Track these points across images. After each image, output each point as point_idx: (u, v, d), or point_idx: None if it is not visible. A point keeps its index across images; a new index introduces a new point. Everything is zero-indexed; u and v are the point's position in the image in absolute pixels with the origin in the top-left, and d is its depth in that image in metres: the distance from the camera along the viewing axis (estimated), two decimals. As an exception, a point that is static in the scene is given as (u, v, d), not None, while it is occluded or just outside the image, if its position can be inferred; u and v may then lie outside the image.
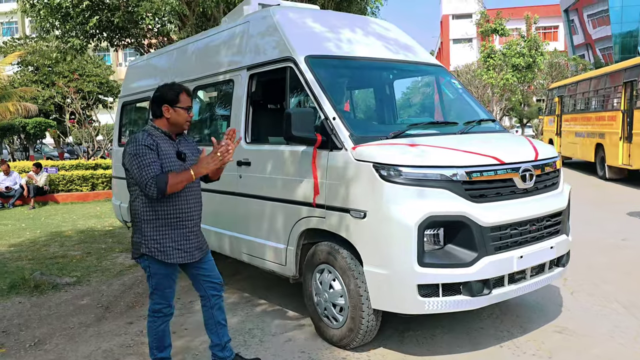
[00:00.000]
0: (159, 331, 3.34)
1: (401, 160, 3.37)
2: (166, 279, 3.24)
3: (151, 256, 3.14)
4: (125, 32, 10.65)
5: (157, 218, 3.12)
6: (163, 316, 3.32)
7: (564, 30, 49.98)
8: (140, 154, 3.00)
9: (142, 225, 3.15)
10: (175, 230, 3.16)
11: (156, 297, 3.28)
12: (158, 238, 3.13)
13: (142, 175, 2.97)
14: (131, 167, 3.04)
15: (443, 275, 3.29)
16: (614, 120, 13.33)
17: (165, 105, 3.16)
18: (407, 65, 4.71)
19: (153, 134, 3.14)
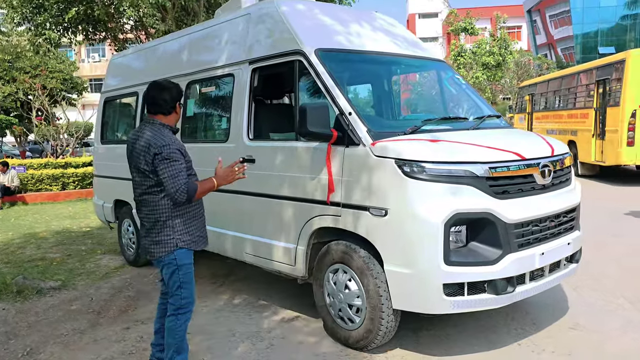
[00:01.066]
0: (181, 331, 3.27)
1: (425, 156, 3.28)
2: (191, 270, 3.27)
3: (186, 248, 3.19)
4: (103, 25, 10.24)
5: (186, 212, 3.19)
6: (188, 312, 3.27)
7: (527, 31, 51.14)
8: (174, 158, 3.01)
9: (173, 222, 3.15)
10: (198, 220, 3.28)
11: (184, 291, 3.23)
12: (190, 230, 3.21)
13: (176, 183, 2.99)
14: (163, 171, 3.00)
15: (469, 274, 3.22)
16: (587, 118, 13.65)
17: (178, 103, 3.24)
18: (414, 60, 4.63)
19: (170, 134, 3.14)
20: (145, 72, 6.09)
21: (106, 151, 6.92)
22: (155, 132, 3.10)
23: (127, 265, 6.57)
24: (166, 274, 3.26)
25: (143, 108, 6.06)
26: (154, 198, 3.14)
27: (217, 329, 4.34)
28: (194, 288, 3.31)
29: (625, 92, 11.58)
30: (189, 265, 3.24)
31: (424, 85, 5.17)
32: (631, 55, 11.71)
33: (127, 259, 6.63)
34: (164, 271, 3.27)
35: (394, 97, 4.80)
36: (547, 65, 34.93)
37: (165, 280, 3.32)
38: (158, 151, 3.01)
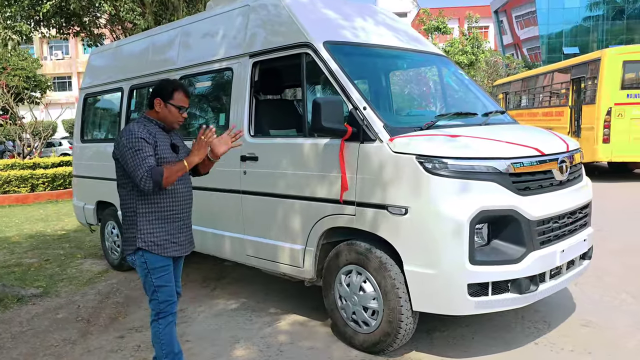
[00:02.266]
0: (166, 333, 3.09)
1: (447, 151, 3.16)
2: (167, 273, 3.08)
3: (147, 250, 2.99)
4: (78, 19, 9.79)
5: (152, 211, 3.00)
6: (168, 315, 3.10)
7: (494, 31, 52.04)
8: (136, 147, 2.87)
9: (137, 219, 3.00)
10: (170, 224, 3.04)
11: (160, 295, 3.05)
12: (154, 231, 3.00)
13: (138, 169, 2.85)
14: (125, 160, 2.90)
15: (493, 273, 3.12)
16: (562, 116, 13.89)
17: (157, 99, 3.03)
18: (418, 54, 4.52)
19: (147, 124, 3.01)
20: (131, 67, 5.80)
21: (87, 150, 6.59)
22: (132, 122, 3.02)
23: (112, 270, 6.27)
24: (140, 276, 3.12)
25: (129, 104, 5.79)
26: (122, 191, 3.06)
27: (219, 335, 4.14)
28: (173, 291, 3.13)
29: (600, 90, 11.81)
30: (163, 269, 3.05)
31: (428, 80, 5.08)
32: (606, 54, 11.95)
33: (111, 263, 6.32)
34: (138, 272, 3.12)
35: (402, 91, 4.69)
36: (515, 65, 35.57)
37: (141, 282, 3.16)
38: (122, 140, 2.92)
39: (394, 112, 4.59)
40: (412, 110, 4.94)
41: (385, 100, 4.54)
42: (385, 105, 4.51)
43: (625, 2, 43.32)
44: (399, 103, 4.75)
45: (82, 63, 49.13)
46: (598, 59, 12.13)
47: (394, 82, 4.79)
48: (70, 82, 50.40)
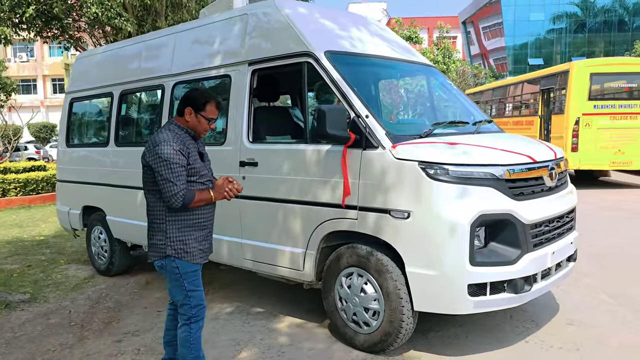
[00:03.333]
0: (196, 340, 3.14)
1: (447, 158, 3.32)
2: (197, 276, 3.15)
3: (178, 257, 3.05)
4: (58, 22, 9.64)
5: (181, 219, 3.05)
6: (200, 320, 3.16)
7: (462, 41, 53.27)
8: (172, 161, 2.92)
9: (166, 227, 3.05)
10: (198, 231, 3.11)
11: (192, 299, 3.11)
12: (184, 239, 3.05)
13: (172, 186, 2.91)
14: (159, 172, 2.93)
15: (492, 274, 3.29)
16: (532, 125, 14.37)
17: (189, 108, 3.08)
18: (410, 64, 4.70)
19: (180, 134, 3.05)
20: (122, 72, 5.80)
21: (73, 155, 6.53)
22: (163, 129, 3.07)
23: (98, 275, 6.23)
24: (168, 281, 3.16)
25: (119, 109, 5.79)
26: (151, 198, 3.10)
27: (218, 338, 4.18)
28: (202, 294, 3.19)
29: (569, 101, 12.29)
30: (194, 273, 3.12)
31: (419, 89, 5.26)
32: (574, 66, 12.46)
33: (98, 269, 6.28)
34: (166, 278, 3.16)
35: (396, 99, 4.85)
36: (483, 75, 36.48)
37: (168, 288, 3.20)
38: (157, 150, 2.93)
39: (395, 120, 4.75)
40: (406, 118, 5.11)
41: (383, 108, 4.70)
42: (382, 112, 4.66)
43: (586, 16, 45.04)
44: (392, 111, 4.91)
45: (47, 66, 47.96)
46: (566, 71, 12.64)
47: (388, 90, 4.95)
48: (35, 85, 49.12)
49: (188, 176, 2.99)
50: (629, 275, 5.44)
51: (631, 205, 9.88)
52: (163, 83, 5.20)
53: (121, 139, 5.78)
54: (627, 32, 44.30)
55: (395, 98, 4.87)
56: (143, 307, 5.03)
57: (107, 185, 5.84)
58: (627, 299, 4.72)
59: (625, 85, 12.50)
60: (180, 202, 2.92)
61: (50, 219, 10.51)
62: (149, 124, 5.67)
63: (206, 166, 3.18)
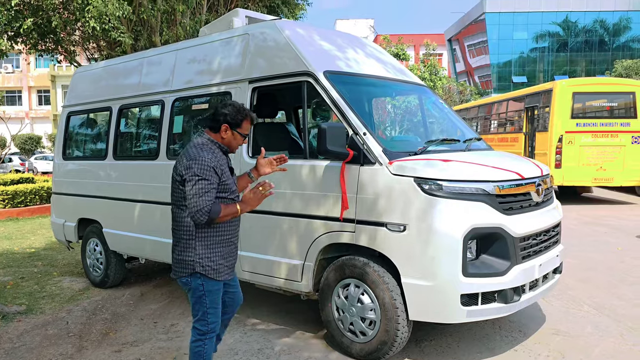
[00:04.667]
0: (208, 355, 3.19)
1: (442, 174, 3.51)
2: (218, 296, 3.18)
3: (205, 275, 3.07)
4: (55, 36, 9.74)
5: (210, 236, 3.08)
6: (214, 335, 3.21)
7: (447, 58, 54.14)
8: (205, 176, 2.93)
9: (195, 243, 3.07)
10: (225, 248, 3.14)
11: (210, 317, 3.14)
12: (211, 256, 3.08)
13: (199, 201, 2.91)
14: (190, 186, 2.94)
15: (483, 285, 3.46)
16: (517, 142, 14.72)
17: (225, 125, 3.09)
18: (404, 84, 4.90)
19: (214, 151, 3.07)
20: (121, 87, 5.93)
21: (70, 167, 6.61)
22: (197, 144, 3.07)
23: (93, 288, 6.28)
24: (191, 297, 3.18)
25: (118, 123, 5.91)
26: (180, 213, 3.10)
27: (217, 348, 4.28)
28: (220, 312, 3.24)
29: (552, 118, 12.65)
30: (217, 292, 3.16)
31: (413, 108, 5.46)
32: (558, 85, 12.85)
33: (93, 281, 6.34)
34: (189, 294, 3.20)
35: (390, 118, 5.04)
36: (468, 92, 37.12)
37: (190, 303, 3.24)
38: (190, 164, 2.95)
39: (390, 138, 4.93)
40: (398, 135, 5.30)
41: (378, 125, 4.89)
42: (379, 130, 4.85)
43: (568, 35, 46.15)
44: (387, 128, 5.10)
45: (33, 77, 47.69)
46: (550, 89, 13.02)
47: (383, 109, 5.15)
48: (21, 96, 48.79)
49: (220, 192, 3.01)
50: (610, 288, 5.65)
51: (612, 221, 10.19)
52: (163, 99, 5.33)
53: (119, 152, 5.89)
54: (607, 51, 45.47)
55: (390, 116, 5.06)
56: (139, 319, 5.11)
57: (104, 198, 5.93)
58: (609, 310, 4.93)
59: (606, 104, 12.92)
60: (206, 218, 2.91)
61: (39, 232, 10.50)
62: (148, 138, 5.79)
63: (234, 181, 3.20)
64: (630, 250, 7.51)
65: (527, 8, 45.00)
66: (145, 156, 5.61)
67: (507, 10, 44.97)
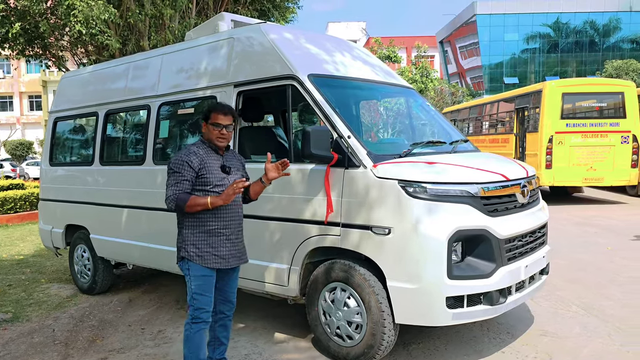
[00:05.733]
0: (196, 340, 3.34)
1: (426, 177, 3.50)
2: (206, 283, 3.35)
3: (189, 259, 3.32)
4: (41, 41, 9.68)
5: (195, 225, 3.32)
6: (202, 322, 3.35)
7: (439, 60, 54.32)
8: (175, 169, 3.26)
9: (184, 231, 3.36)
10: (212, 237, 3.33)
11: (196, 302, 3.33)
12: (197, 243, 3.31)
13: (168, 191, 3.26)
14: (167, 180, 3.31)
15: (468, 287, 3.45)
16: (507, 142, 14.77)
17: (203, 122, 3.42)
18: (391, 87, 4.90)
19: (200, 147, 3.36)
20: (107, 92, 5.89)
21: (57, 173, 6.57)
22: (189, 145, 3.41)
23: (81, 294, 6.23)
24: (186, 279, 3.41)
25: (105, 128, 5.87)
26: None
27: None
28: (210, 301, 3.39)
29: (542, 119, 12.70)
30: (203, 278, 3.33)
31: (400, 111, 5.46)
32: (547, 86, 12.90)
33: (81, 288, 6.29)
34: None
35: (377, 121, 5.03)
36: (460, 93, 37.23)
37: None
38: (170, 161, 3.34)
39: (372, 140, 4.93)
40: (386, 138, 5.30)
41: (364, 129, 4.88)
42: (364, 133, 4.84)
43: (558, 36, 46.44)
44: (374, 132, 5.10)
45: (25, 83, 47.43)
46: (540, 90, 13.07)
47: (370, 112, 5.15)
48: (12, 101, 48.52)
49: (199, 185, 3.26)
50: (599, 288, 5.67)
51: (601, 221, 10.23)
52: (149, 103, 5.31)
53: (106, 158, 5.85)
54: (597, 52, 45.78)
55: (376, 119, 5.06)
56: (127, 325, 5.07)
57: (91, 204, 5.88)
58: (597, 311, 4.93)
59: (596, 105, 12.98)
60: (173, 205, 3.21)
61: (28, 238, 10.42)
62: (134, 143, 5.76)
63: (230, 178, 3.36)
64: (620, 250, 7.54)
65: (518, 9, 45.27)
66: (131, 161, 5.57)
67: (498, 12, 45.22)
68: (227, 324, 3.60)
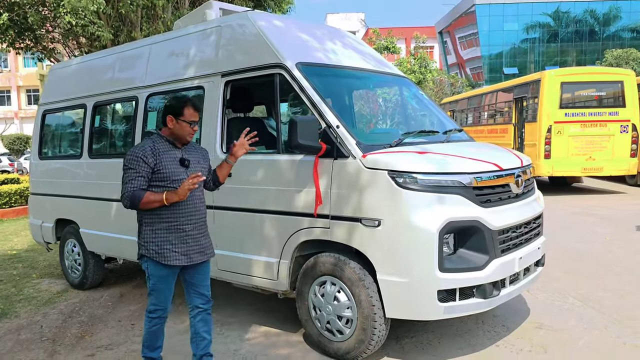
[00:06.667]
0: (152, 331, 3.42)
1: (416, 167, 3.39)
2: (163, 282, 3.30)
3: (149, 257, 3.24)
4: (31, 33, 9.54)
5: (154, 222, 3.22)
6: (157, 318, 3.39)
7: (439, 51, 54.03)
8: (130, 165, 3.16)
9: (142, 228, 3.28)
10: (173, 234, 3.23)
11: (152, 299, 3.35)
12: (156, 240, 3.22)
13: (123, 188, 3.16)
14: (122, 175, 3.20)
15: (460, 280, 3.36)
16: (506, 133, 14.65)
17: (169, 116, 3.26)
18: (383, 76, 4.78)
19: (157, 142, 3.25)
20: (95, 83, 5.78)
21: (46, 167, 6.47)
22: (144, 140, 3.32)
23: (72, 289, 6.15)
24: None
25: (93, 121, 5.76)
26: None
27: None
28: (167, 298, 3.37)
29: (541, 109, 12.57)
30: (159, 277, 3.28)
31: (393, 100, 5.35)
32: (546, 75, 12.76)
33: (72, 283, 6.20)
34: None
35: (369, 110, 4.93)
36: (459, 84, 37.03)
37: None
38: (125, 157, 3.23)
39: (363, 130, 4.82)
40: (378, 128, 5.19)
41: (354, 118, 4.77)
42: (354, 123, 4.73)
43: (558, 26, 46.11)
44: (365, 121, 4.99)
45: (22, 77, 47.24)
46: (538, 80, 12.93)
47: (361, 101, 5.03)
48: (10, 96, 48.36)
49: (156, 181, 3.16)
50: (596, 279, 5.58)
51: (600, 211, 10.13)
52: (137, 94, 5.19)
53: (95, 151, 5.74)
54: (597, 41, 45.45)
55: (367, 108, 4.95)
56: (117, 321, 4.98)
57: (80, 198, 5.79)
58: (595, 302, 4.85)
59: (595, 94, 12.84)
60: (127, 202, 3.13)
61: (22, 233, 10.33)
62: (123, 135, 5.65)
63: (189, 172, 3.25)
64: (618, 240, 7.45)
65: (517, -1, 44.97)
66: (120, 154, 5.45)
67: (498, 2, 44.85)
68: (207, 318, 3.50)
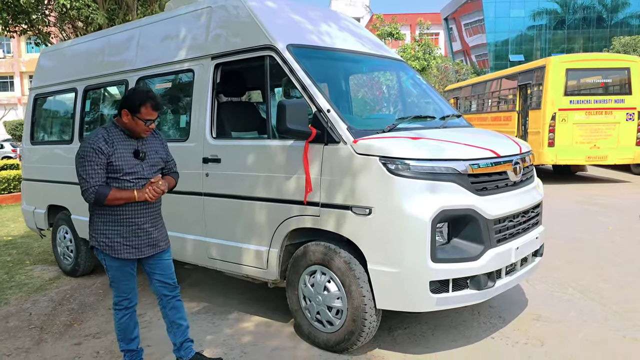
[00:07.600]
0: (122, 323, 3.33)
1: (409, 153, 3.26)
2: (121, 272, 3.23)
3: (101, 250, 3.17)
4: (26, 16, 9.39)
5: (105, 214, 3.13)
6: (124, 309, 3.31)
7: (444, 37, 53.45)
8: (87, 158, 2.99)
9: (94, 219, 3.18)
10: (124, 227, 3.14)
11: (114, 290, 3.30)
12: (107, 233, 3.14)
13: (85, 181, 2.99)
14: (76, 167, 3.03)
15: (454, 270, 3.24)
16: (510, 120, 14.44)
17: (125, 110, 3.08)
18: (380, 59, 4.63)
19: (111, 132, 3.10)
20: (86, 67, 5.64)
21: (38, 152, 6.36)
22: (99, 128, 3.16)
23: (64, 276, 6.07)
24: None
25: (84, 105, 5.64)
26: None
27: (181, 339, 4.07)
28: (129, 288, 3.30)
29: (545, 96, 12.35)
30: (116, 268, 3.20)
31: (388, 84, 5.20)
32: (551, 61, 12.52)
33: (64, 269, 6.12)
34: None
35: (363, 94, 4.78)
36: (464, 71, 36.65)
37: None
38: (79, 147, 3.08)
39: (357, 115, 4.68)
40: (373, 113, 5.04)
41: (348, 103, 4.63)
42: (348, 107, 4.59)
43: (565, 12, 45.48)
44: (360, 106, 4.85)
45: (25, 62, 47.05)
46: (543, 66, 12.69)
47: (356, 86, 4.89)
48: (13, 82, 48.22)
49: (110, 172, 3.02)
50: (597, 269, 5.45)
51: (604, 200, 9.96)
52: (127, 78, 5.06)
53: (86, 136, 5.63)
54: (605, 28, 44.81)
55: (363, 93, 4.80)
56: (107, 309, 4.90)
57: (72, 184, 5.67)
58: (594, 293, 4.73)
59: (601, 81, 12.61)
60: (92, 198, 2.98)
61: (20, 219, 10.25)
62: (114, 120, 5.53)
63: (144, 164, 3.16)
64: (621, 229, 7.30)
65: (524, -15, 44.30)
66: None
67: (504, -12, 44.28)
68: (177, 304, 3.43)
